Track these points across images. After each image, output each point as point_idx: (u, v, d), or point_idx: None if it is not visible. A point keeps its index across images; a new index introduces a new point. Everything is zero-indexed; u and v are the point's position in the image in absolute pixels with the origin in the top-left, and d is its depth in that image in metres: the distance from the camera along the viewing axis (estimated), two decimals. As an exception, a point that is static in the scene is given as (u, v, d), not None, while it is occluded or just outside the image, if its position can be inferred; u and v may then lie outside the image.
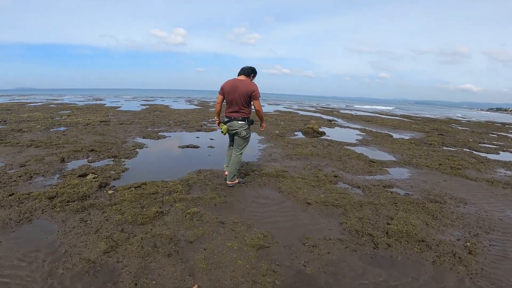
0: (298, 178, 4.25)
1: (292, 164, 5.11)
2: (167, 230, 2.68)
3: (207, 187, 3.77)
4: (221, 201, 3.38)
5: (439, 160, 6.11)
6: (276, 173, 4.42)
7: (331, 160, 5.53)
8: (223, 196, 3.51)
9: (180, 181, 3.95)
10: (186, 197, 3.41)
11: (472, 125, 19.12)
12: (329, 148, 6.74)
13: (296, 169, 4.83)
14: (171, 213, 3.04)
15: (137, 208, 3.09)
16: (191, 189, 3.70)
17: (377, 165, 5.35)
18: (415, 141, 8.73)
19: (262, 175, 4.35)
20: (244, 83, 3.50)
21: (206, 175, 4.27)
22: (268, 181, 4.12)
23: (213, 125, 9.95)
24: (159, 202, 3.27)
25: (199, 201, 3.33)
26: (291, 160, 5.39)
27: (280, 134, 8.32)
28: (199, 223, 2.85)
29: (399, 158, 6.10)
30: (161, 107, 18.11)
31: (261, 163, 5.13)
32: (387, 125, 13.72)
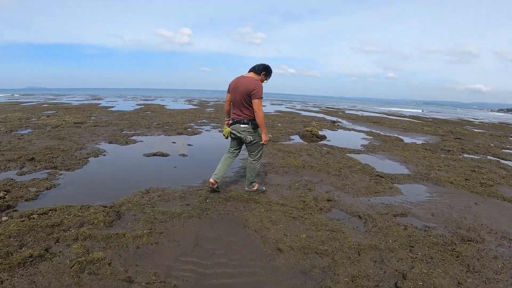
0: (277, 205, 3.13)
1: (275, 181, 3.99)
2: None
3: (141, 218, 2.69)
4: (148, 242, 2.30)
5: (463, 173, 4.91)
6: (248, 196, 3.31)
7: (328, 175, 4.39)
8: (156, 234, 2.43)
9: (110, 206, 2.89)
10: (99, 233, 2.36)
11: (487, 127, 17.70)
12: (328, 157, 5.60)
13: (279, 188, 3.71)
14: (56, 258, 2.00)
15: (11, 247, 2.05)
16: (117, 220, 2.63)
17: (385, 181, 4.20)
18: (429, 146, 7.51)
19: (227, 199, 3.25)
20: (246, 80, 3.01)
21: (152, 197, 3.20)
22: (233, 209, 3.01)
23: (201, 127, 8.92)
24: (52, 239, 2.23)
25: (114, 241, 2.27)
26: (275, 175, 4.27)
27: (272, 139, 7.21)
28: (90, 279, 1.79)
29: (414, 171, 4.93)
30: (155, 107, 17.20)
31: (234, 179, 4.03)
32: (396, 127, 12.48)
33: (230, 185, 3.76)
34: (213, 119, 11.18)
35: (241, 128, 3.11)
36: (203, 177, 4.02)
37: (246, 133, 3.12)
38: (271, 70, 3.18)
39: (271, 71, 3.18)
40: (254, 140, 3.15)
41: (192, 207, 3.00)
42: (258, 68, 3.10)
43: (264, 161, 5.04)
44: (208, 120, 10.66)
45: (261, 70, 3.10)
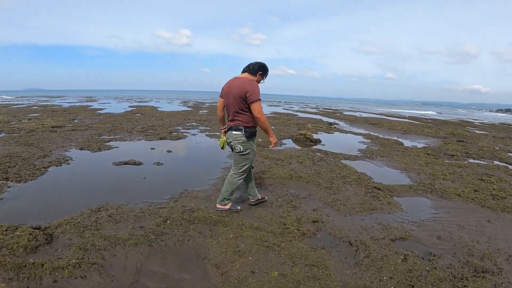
0: (250, 229, 2.58)
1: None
2: None
3: (75, 243, 2.16)
4: (72, 276, 1.82)
5: (471, 183, 4.37)
6: (217, 218, 2.77)
7: (318, 188, 3.85)
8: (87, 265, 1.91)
9: (44, 228, 2.37)
10: (12, 261, 1.88)
11: (489, 128, 17.19)
12: (320, 164, 5.07)
13: (258, 206, 3.16)
14: None
15: None
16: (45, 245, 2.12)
17: (384, 195, 3.66)
18: (431, 150, 6.97)
19: (192, 220, 2.70)
20: (239, 81, 2.66)
21: (101, 217, 2.66)
22: (196, 234, 2.47)
23: (188, 131, 8.38)
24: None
25: (26, 272, 1.77)
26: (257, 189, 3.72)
27: (262, 143, 6.68)
28: None
29: (416, 180, 4.39)
30: (147, 109, 16.67)
31: (208, 193, 3.49)
32: (395, 129, 11.96)
33: (201, 201, 3.22)
34: (203, 121, 10.65)
35: (233, 135, 2.74)
36: (173, 191, 3.49)
37: (236, 142, 2.73)
38: (267, 69, 2.82)
39: (267, 69, 2.83)
40: (245, 150, 2.75)
41: (145, 230, 2.46)
42: (253, 68, 2.74)
43: None
44: (198, 123, 10.13)
45: (257, 69, 2.74)
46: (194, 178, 4.09)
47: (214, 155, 5.49)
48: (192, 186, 3.71)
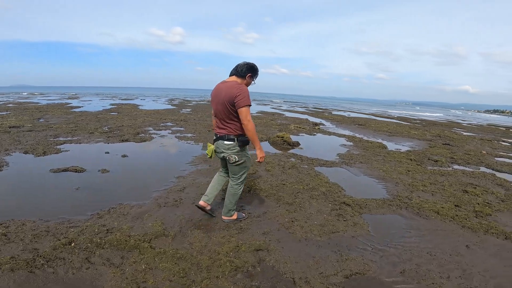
0: (171, 258, 2.05)
1: (196, 218, 2.91)
2: None
3: None
4: None
5: (453, 195, 3.94)
6: (134, 242, 2.24)
7: (277, 203, 3.34)
8: None
9: None
10: None
11: (476, 129, 17.06)
12: (290, 173, 4.57)
13: (194, 232, 2.63)
14: None
15: None
16: None
17: (352, 212, 3.17)
18: (415, 155, 6.56)
19: (102, 244, 2.17)
20: (227, 85, 2.46)
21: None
22: (100, 262, 1.95)
23: (158, 131, 7.79)
24: None
25: None
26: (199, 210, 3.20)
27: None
28: None
29: (393, 193, 3.93)
30: (127, 107, 15.94)
31: (144, 209, 2.95)
32: (381, 130, 11.59)
33: (129, 220, 2.67)
34: (180, 122, 10.05)
35: (224, 145, 2.53)
36: (103, 205, 2.95)
37: (230, 152, 2.53)
38: (257, 69, 2.57)
39: (257, 69, 2.57)
40: (240, 160, 2.57)
41: (36, 254, 1.96)
42: (241, 70, 2.50)
43: (203, 180, 3.97)
44: (173, 123, 9.54)
45: (246, 71, 2.50)
46: (137, 189, 3.55)
47: (174, 161, 4.94)
48: (129, 199, 3.18)
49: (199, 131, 7.98)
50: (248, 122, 2.36)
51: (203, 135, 7.48)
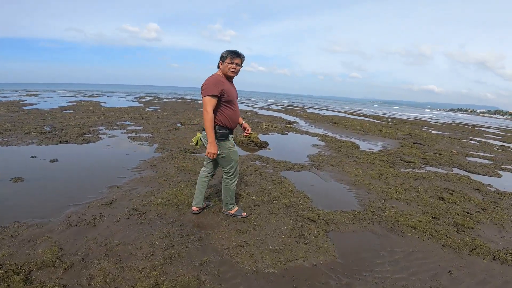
0: None
1: (113, 239, 2.22)
2: None
3: None
4: None
5: (430, 204, 3.52)
6: (4, 274, 1.54)
7: (227, 221, 2.72)
8: None
9: None
10: None
11: (444, 127, 17.53)
12: (251, 180, 3.97)
13: (107, 253, 1.96)
14: None
15: None
16: None
17: (316, 230, 2.63)
18: (387, 156, 6.23)
19: None
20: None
21: None
22: None
23: (110, 131, 6.88)
24: None
25: None
26: (131, 225, 2.50)
27: (192, 148, 5.46)
28: None
29: (364, 202, 3.44)
30: (86, 105, 14.58)
31: (45, 229, 2.22)
32: (355, 128, 11.36)
33: (14, 246, 1.93)
34: (141, 120, 9.13)
35: (204, 136, 2.59)
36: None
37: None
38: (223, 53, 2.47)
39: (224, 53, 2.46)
40: (220, 154, 2.52)
41: None
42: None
43: (140, 191, 3.25)
44: (132, 122, 8.61)
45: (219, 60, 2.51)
46: (49, 202, 2.80)
47: (114, 166, 4.16)
48: (32, 216, 2.48)
49: (158, 131, 7.17)
50: (205, 112, 2.34)
51: (162, 135, 6.69)
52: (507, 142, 11.81)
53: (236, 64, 2.45)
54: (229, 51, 2.44)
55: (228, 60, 2.43)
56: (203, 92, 2.36)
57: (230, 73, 2.46)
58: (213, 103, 2.35)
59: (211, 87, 2.35)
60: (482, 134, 15.08)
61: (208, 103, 2.33)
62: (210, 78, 2.42)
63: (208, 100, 2.33)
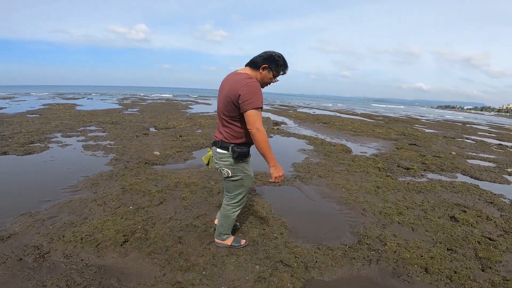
0: None
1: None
2: None
3: None
4: None
5: (442, 229, 2.76)
6: None
7: (163, 269, 1.91)
8: None
9: None
10: None
11: (435, 125, 17.04)
12: (217, 201, 3.16)
13: None
14: None
15: None
16: None
17: (290, 282, 1.84)
18: (383, 161, 5.51)
19: None
20: (235, 78, 1.87)
21: None
22: None
23: (65, 138, 5.97)
24: None
25: None
26: (1, 278, 1.67)
27: (153, 160, 4.61)
28: None
29: (359, 230, 2.67)
30: (58, 108, 13.55)
31: None
32: (346, 128, 10.67)
33: None
34: (109, 124, 8.19)
35: (217, 154, 2.00)
36: None
37: (222, 163, 1.98)
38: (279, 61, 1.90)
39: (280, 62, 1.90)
40: (234, 176, 1.99)
41: None
42: (258, 60, 1.89)
43: (62, 220, 2.39)
44: (98, 127, 7.68)
45: (262, 61, 1.88)
46: None
47: (43, 185, 3.28)
48: None
49: (122, 137, 6.28)
50: (256, 131, 1.79)
51: (125, 142, 5.81)
52: (503, 141, 11.32)
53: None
54: (284, 63, 1.93)
55: (278, 72, 1.94)
56: (249, 103, 1.75)
57: (265, 85, 1.98)
58: (261, 117, 1.81)
59: (257, 97, 1.78)
60: (475, 132, 14.64)
61: (258, 119, 1.77)
62: (253, 83, 1.80)
63: (257, 114, 1.77)
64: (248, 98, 1.76)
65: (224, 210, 2.17)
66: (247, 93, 1.76)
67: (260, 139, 1.80)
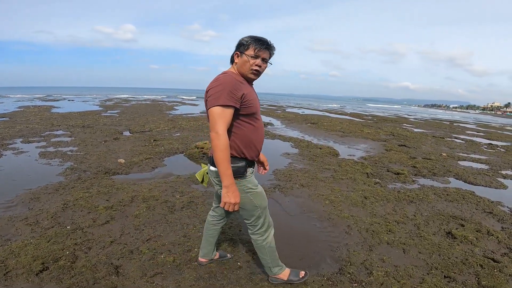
0: None
1: None
2: None
3: None
4: None
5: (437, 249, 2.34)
6: None
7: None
8: None
9: None
10: None
11: (424, 124, 16.94)
12: (176, 219, 2.69)
13: None
14: None
15: None
16: None
17: None
18: (372, 165, 5.13)
19: None
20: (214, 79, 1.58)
21: None
22: None
23: (24, 144, 5.38)
24: None
25: None
26: None
27: (116, 168, 4.10)
28: None
29: (340, 253, 2.23)
30: (33, 110, 12.81)
31: None
32: (334, 129, 10.32)
33: None
34: (79, 128, 7.58)
35: (212, 173, 1.62)
36: None
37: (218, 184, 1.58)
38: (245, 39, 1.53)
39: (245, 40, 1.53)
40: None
41: None
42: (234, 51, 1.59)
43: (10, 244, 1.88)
44: (66, 131, 7.07)
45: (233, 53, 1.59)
46: None
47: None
48: None
49: (89, 142, 5.72)
50: (215, 135, 1.40)
51: (90, 148, 5.26)
52: (492, 140, 11.20)
53: (263, 59, 1.55)
54: (252, 38, 1.53)
55: (250, 51, 1.52)
56: (210, 101, 1.44)
57: (251, 74, 1.56)
58: (228, 119, 1.43)
59: (224, 92, 1.42)
60: (463, 131, 14.56)
61: (219, 119, 1.41)
62: (221, 77, 1.49)
63: (220, 114, 1.41)
64: (211, 94, 1.44)
65: (254, 242, 1.77)
66: (211, 89, 1.45)
67: (216, 146, 1.40)
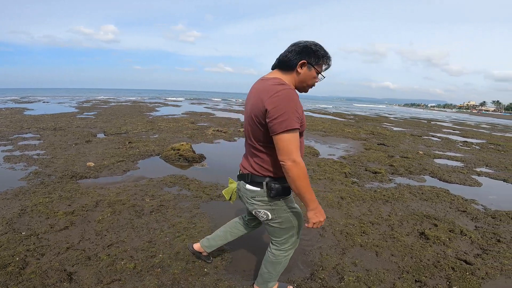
0: None
1: None
2: None
3: None
4: None
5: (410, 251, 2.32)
6: None
7: None
8: None
9: None
10: None
11: (403, 123, 17.38)
12: (142, 224, 2.53)
13: None
14: None
15: None
16: None
17: None
18: (350, 165, 5.13)
19: None
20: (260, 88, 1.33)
21: None
22: None
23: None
24: None
25: None
26: None
27: (81, 172, 3.87)
28: None
29: (313, 258, 2.15)
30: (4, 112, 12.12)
31: None
32: (316, 129, 10.37)
33: None
34: (50, 131, 7.18)
35: (246, 192, 1.45)
36: None
37: (256, 204, 1.43)
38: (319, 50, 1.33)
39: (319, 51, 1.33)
40: (277, 218, 1.44)
41: None
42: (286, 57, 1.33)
43: None
44: (36, 133, 6.68)
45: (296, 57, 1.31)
46: None
47: None
48: None
49: (58, 146, 5.40)
50: (292, 164, 1.21)
51: (58, 152, 4.96)
52: (467, 137, 11.59)
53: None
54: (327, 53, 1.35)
55: (322, 67, 1.37)
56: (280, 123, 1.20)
57: (307, 89, 1.41)
58: (298, 143, 1.26)
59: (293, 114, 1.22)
60: (440, 129, 15.02)
61: (293, 146, 1.22)
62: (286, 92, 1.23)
63: (292, 140, 1.22)
64: (277, 115, 1.21)
65: (272, 255, 1.59)
66: (276, 108, 1.21)
67: (297, 176, 1.24)
